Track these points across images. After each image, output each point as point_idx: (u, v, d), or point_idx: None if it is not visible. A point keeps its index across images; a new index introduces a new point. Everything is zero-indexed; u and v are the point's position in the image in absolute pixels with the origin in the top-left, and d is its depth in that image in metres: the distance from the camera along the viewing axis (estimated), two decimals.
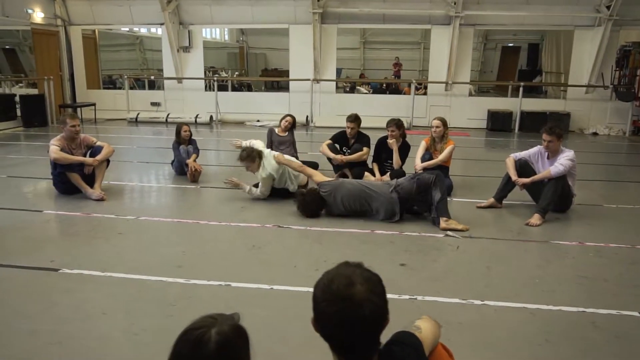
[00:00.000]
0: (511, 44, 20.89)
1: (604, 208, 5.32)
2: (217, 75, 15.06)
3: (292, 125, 6.81)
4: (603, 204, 5.44)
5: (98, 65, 13.65)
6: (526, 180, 4.88)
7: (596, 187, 6.26)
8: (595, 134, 11.04)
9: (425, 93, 12.37)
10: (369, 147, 6.15)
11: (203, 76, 12.79)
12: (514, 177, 4.96)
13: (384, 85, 16.78)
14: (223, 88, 13.35)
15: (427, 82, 12.20)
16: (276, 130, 6.80)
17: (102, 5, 12.25)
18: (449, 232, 4.27)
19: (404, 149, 6.07)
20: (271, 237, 4.29)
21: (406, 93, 14.25)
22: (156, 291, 3.24)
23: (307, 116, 11.80)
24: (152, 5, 11.63)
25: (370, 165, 6.25)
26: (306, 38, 11.57)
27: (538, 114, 11.12)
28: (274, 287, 3.28)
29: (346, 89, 15.32)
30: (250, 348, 1.27)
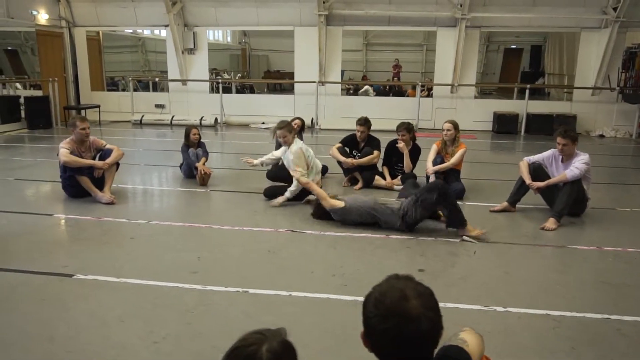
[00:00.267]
0: (514, 46, 20.85)
1: (618, 212, 5.28)
2: (220, 77, 15.01)
3: (301, 128, 6.78)
4: (616, 208, 5.40)
5: (102, 67, 13.62)
6: (541, 184, 4.84)
7: (607, 190, 6.22)
8: (601, 136, 11.00)
9: (428, 95, 12.34)
10: (380, 151, 6.12)
11: (208, 78, 12.75)
12: (528, 181, 4.91)
13: (387, 87, 16.75)
14: (226, 90, 13.32)
15: (433, 85, 12.14)
16: None
17: (107, 7, 12.21)
18: (465, 237, 4.22)
19: (415, 153, 6.04)
20: (285, 242, 4.24)
21: (409, 95, 14.23)
22: (173, 298, 3.19)
23: (313, 118, 11.75)
24: (157, 7, 11.61)
25: (380, 168, 6.22)
26: (311, 40, 11.54)
27: (544, 117, 11.10)
28: (292, 294, 3.23)
29: (350, 91, 15.27)
30: None
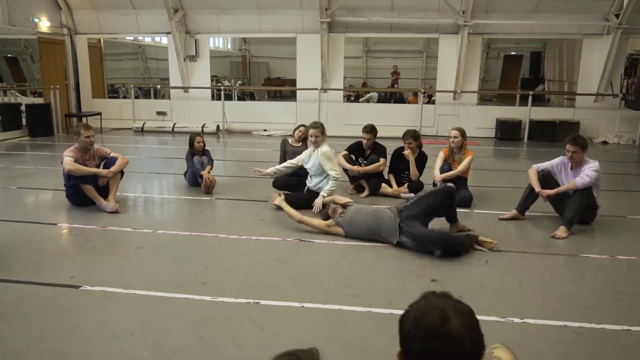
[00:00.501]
0: (513, 53, 20.90)
1: (628, 219, 5.23)
2: (221, 84, 14.99)
3: (306, 135, 6.72)
4: (626, 215, 5.35)
5: (103, 74, 13.58)
6: (551, 191, 4.79)
7: (615, 198, 6.17)
8: (605, 143, 10.98)
9: (429, 102, 12.31)
10: (386, 158, 6.07)
11: (209, 85, 12.72)
12: (538, 189, 4.86)
13: (389, 94, 16.76)
14: (228, 97, 13.29)
15: (436, 91, 12.12)
16: (290, 140, 6.72)
17: (109, 14, 12.19)
18: (477, 246, 4.17)
19: (421, 160, 6.00)
20: (294, 252, 4.18)
21: (410, 102, 14.21)
22: (183, 309, 3.12)
23: None
24: (159, 14, 11.60)
25: (386, 176, 6.17)
26: (313, 47, 11.51)
27: (547, 123, 11.08)
28: (305, 305, 3.17)
29: (350, 98, 15.26)
30: None
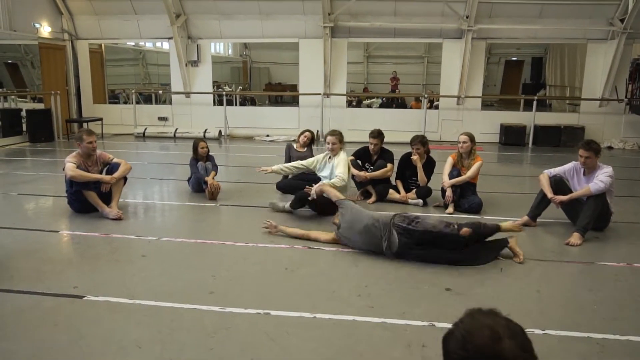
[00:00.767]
0: (514, 58, 20.86)
1: None
2: (222, 89, 14.92)
3: (311, 140, 6.66)
4: (639, 222, 5.25)
5: (104, 79, 13.51)
6: (564, 197, 4.69)
7: (626, 203, 6.06)
8: (610, 148, 10.90)
9: (430, 107, 12.23)
10: (393, 164, 5.98)
11: (211, 90, 12.65)
12: (550, 195, 4.76)
13: (391, 99, 16.71)
14: (229, 102, 13.21)
15: (439, 96, 12.05)
16: (294, 145, 6.65)
17: (110, 20, 12.13)
18: (501, 254, 4.05)
19: (429, 166, 5.92)
20: (303, 260, 4.07)
21: (412, 107, 14.15)
22: (191, 321, 3.01)
23: (318, 131, 11.61)
24: (160, 19, 11.54)
25: (393, 182, 6.08)
26: (316, 52, 11.46)
27: (552, 128, 11.01)
28: (317, 316, 3.06)
29: (352, 104, 15.19)
30: None
